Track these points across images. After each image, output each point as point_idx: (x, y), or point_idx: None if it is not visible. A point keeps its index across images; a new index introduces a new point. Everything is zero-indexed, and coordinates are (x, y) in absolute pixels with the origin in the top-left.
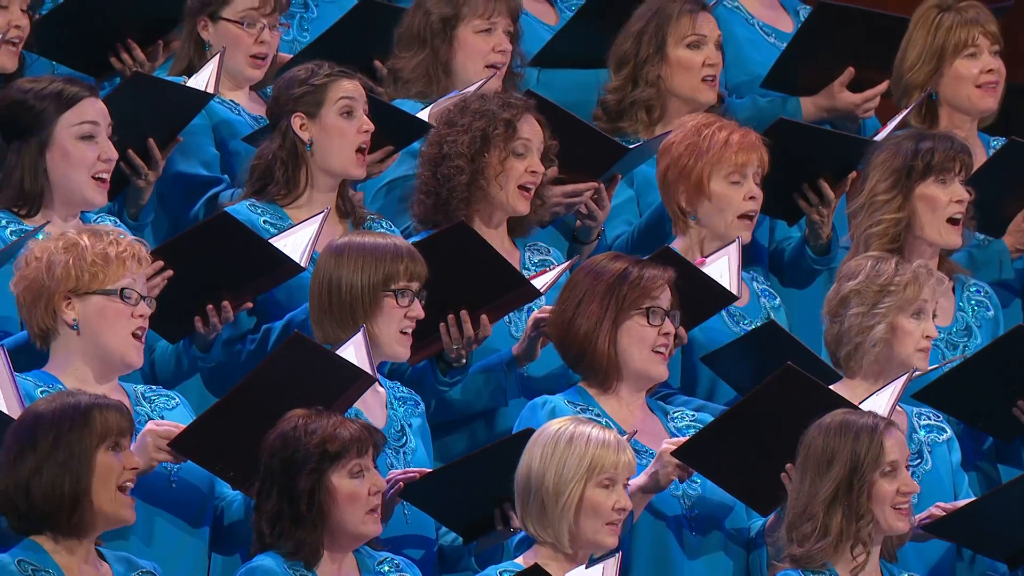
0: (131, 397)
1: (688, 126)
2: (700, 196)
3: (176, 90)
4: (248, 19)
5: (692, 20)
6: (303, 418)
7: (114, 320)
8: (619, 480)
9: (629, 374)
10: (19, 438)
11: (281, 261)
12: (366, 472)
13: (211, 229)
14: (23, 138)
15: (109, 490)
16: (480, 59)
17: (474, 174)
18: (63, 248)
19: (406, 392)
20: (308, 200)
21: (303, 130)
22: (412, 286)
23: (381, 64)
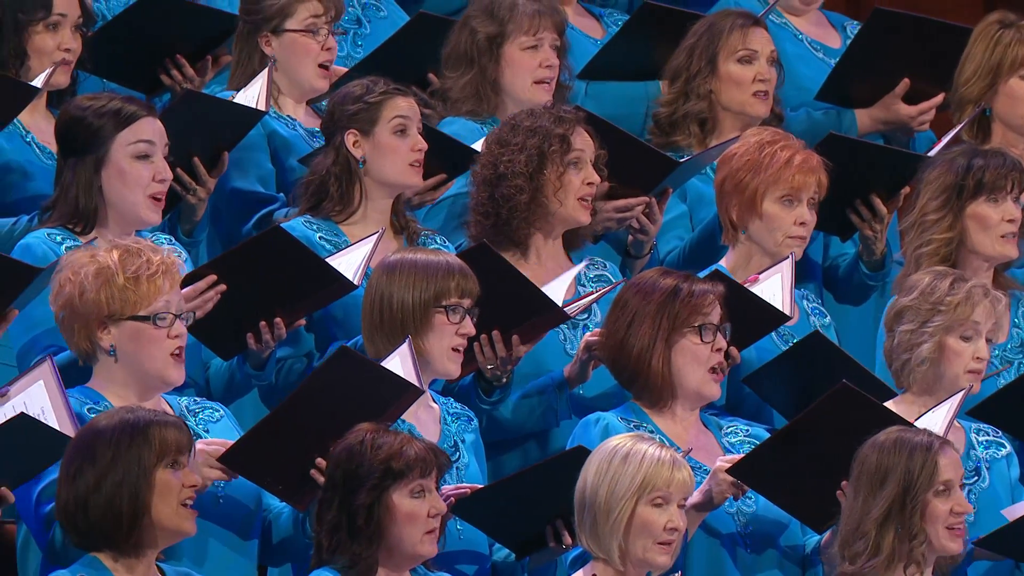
0: (176, 411)
1: (752, 141)
2: (752, 213)
3: (229, 108)
4: (314, 26)
5: (743, 35)
6: (371, 433)
7: (149, 344)
8: (673, 499)
9: (684, 393)
10: (78, 454)
11: (334, 278)
12: (427, 493)
13: (264, 244)
14: (79, 155)
15: (170, 506)
16: (528, 75)
17: (534, 192)
18: (94, 274)
19: (459, 408)
20: (363, 216)
21: (356, 147)
22: (463, 303)
23: (436, 78)
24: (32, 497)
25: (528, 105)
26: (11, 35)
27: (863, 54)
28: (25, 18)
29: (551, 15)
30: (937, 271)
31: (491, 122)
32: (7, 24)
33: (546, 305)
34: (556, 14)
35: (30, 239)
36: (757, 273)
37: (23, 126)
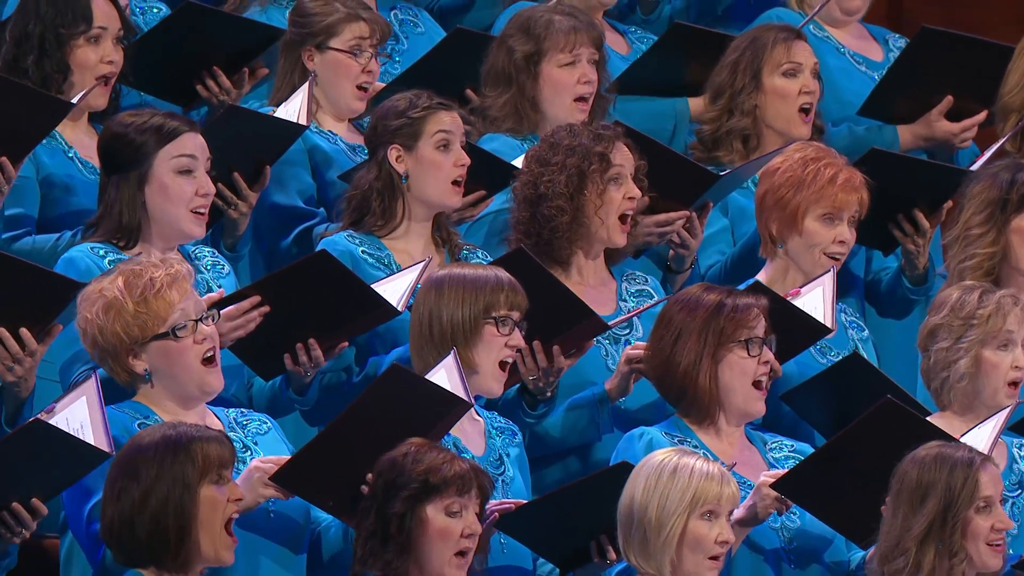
0: (224, 423)
1: (796, 156)
2: (792, 229)
3: (271, 122)
4: (357, 48)
5: (787, 48)
6: (416, 446)
7: (179, 357)
8: (722, 513)
9: (730, 409)
10: (121, 472)
11: (378, 304)
12: (463, 512)
13: (309, 267)
14: (123, 172)
15: (213, 527)
16: (567, 93)
17: (575, 212)
18: (103, 309)
19: (504, 422)
20: (406, 231)
21: (399, 162)
22: (513, 315)
23: (474, 93)
24: (83, 515)
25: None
26: (53, 50)
27: (907, 71)
28: (66, 32)
29: (587, 30)
30: (965, 285)
31: (531, 139)
32: (49, 39)
33: (585, 313)
34: (592, 29)
35: (73, 253)
36: (798, 287)
37: (65, 141)
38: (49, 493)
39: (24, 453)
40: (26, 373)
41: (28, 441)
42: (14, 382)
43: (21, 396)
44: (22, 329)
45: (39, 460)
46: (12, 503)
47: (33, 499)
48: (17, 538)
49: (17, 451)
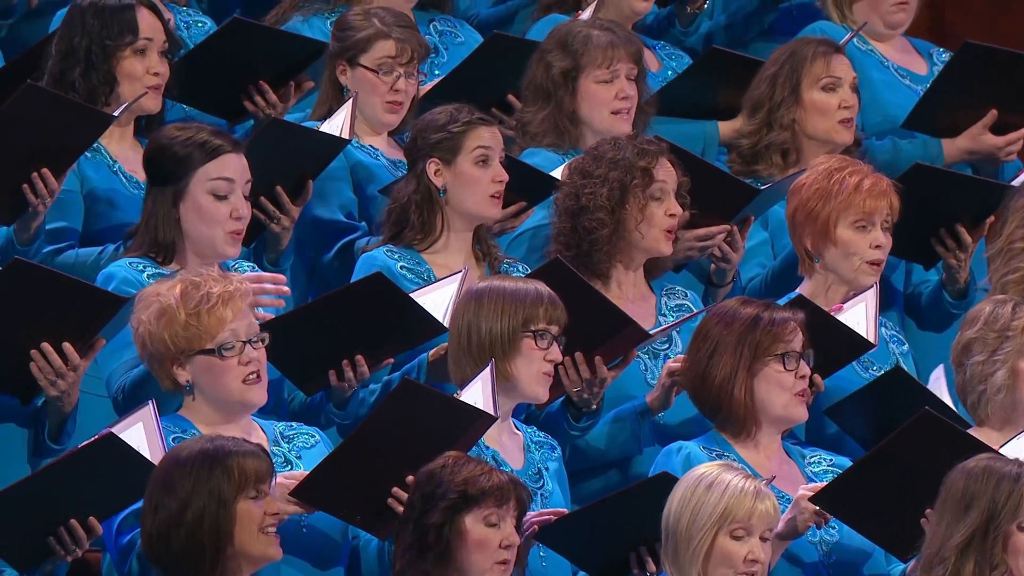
0: (270, 436)
1: (819, 169)
2: (826, 241)
3: (313, 136)
4: (384, 67)
5: (827, 62)
6: (454, 459)
7: (222, 375)
8: (754, 531)
9: (768, 420)
10: (158, 486)
11: (428, 324)
12: (502, 523)
13: (365, 288)
14: (161, 185)
15: (252, 536)
16: (605, 108)
17: (616, 226)
18: (156, 315)
19: (543, 436)
20: (445, 245)
21: (437, 176)
22: (551, 329)
23: (516, 99)
24: (113, 527)
25: (608, 136)
26: (100, 62)
27: (950, 86)
28: (112, 44)
29: (625, 45)
30: (996, 299)
31: (572, 154)
32: (95, 52)
33: (624, 322)
34: (630, 43)
35: (112, 268)
36: (841, 302)
37: (110, 155)
38: (106, 512)
39: (90, 468)
40: (69, 388)
41: (97, 456)
42: (57, 396)
43: (64, 411)
44: (65, 343)
45: (103, 477)
46: (71, 519)
47: (90, 517)
48: (70, 556)
49: (84, 465)
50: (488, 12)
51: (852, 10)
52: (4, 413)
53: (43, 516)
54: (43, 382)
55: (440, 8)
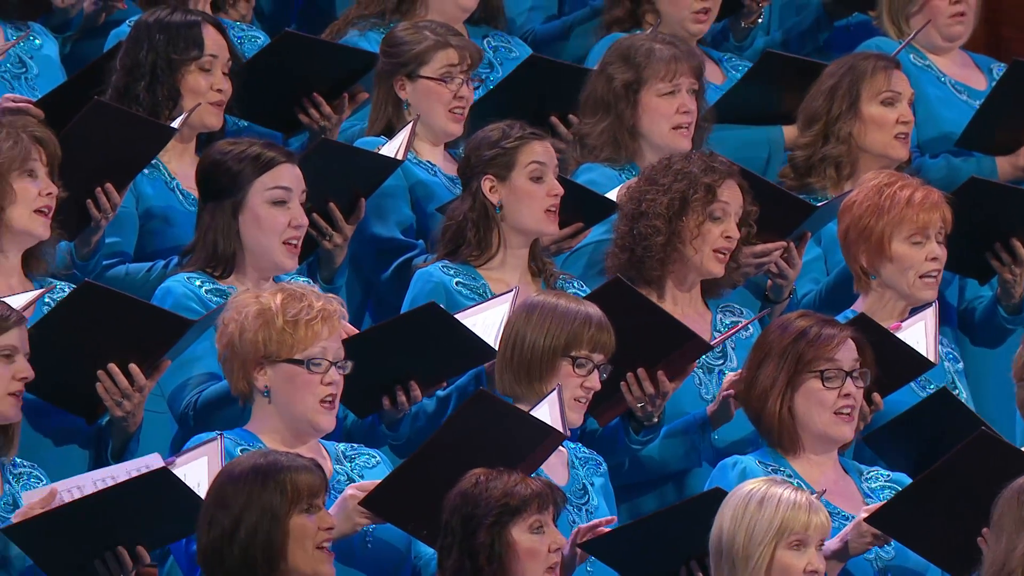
0: (332, 456)
1: (869, 185)
2: (881, 256)
3: (365, 156)
4: (448, 75)
5: (887, 77)
6: (484, 475)
7: (303, 388)
8: (810, 542)
9: (809, 437)
10: (212, 501)
11: (480, 349)
12: (546, 528)
13: (420, 318)
14: (218, 199)
15: (306, 551)
16: (666, 122)
17: (670, 236)
18: (254, 314)
19: (587, 452)
20: (501, 261)
21: (492, 192)
22: (594, 357)
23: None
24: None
25: (667, 151)
26: (165, 76)
27: (1002, 102)
28: (178, 59)
29: (688, 59)
30: None
31: (629, 168)
32: (160, 66)
33: (685, 335)
34: (693, 58)
35: (170, 283)
36: (899, 321)
37: (168, 172)
38: (155, 543)
39: (143, 498)
40: (134, 408)
41: (150, 488)
42: (122, 417)
43: (128, 431)
44: (132, 365)
45: (155, 509)
46: (118, 546)
47: (139, 546)
48: None
49: (136, 494)
50: (542, 28)
51: (909, 25)
52: (67, 433)
53: (92, 539)
54: (109, 402)
55: (494, 24)
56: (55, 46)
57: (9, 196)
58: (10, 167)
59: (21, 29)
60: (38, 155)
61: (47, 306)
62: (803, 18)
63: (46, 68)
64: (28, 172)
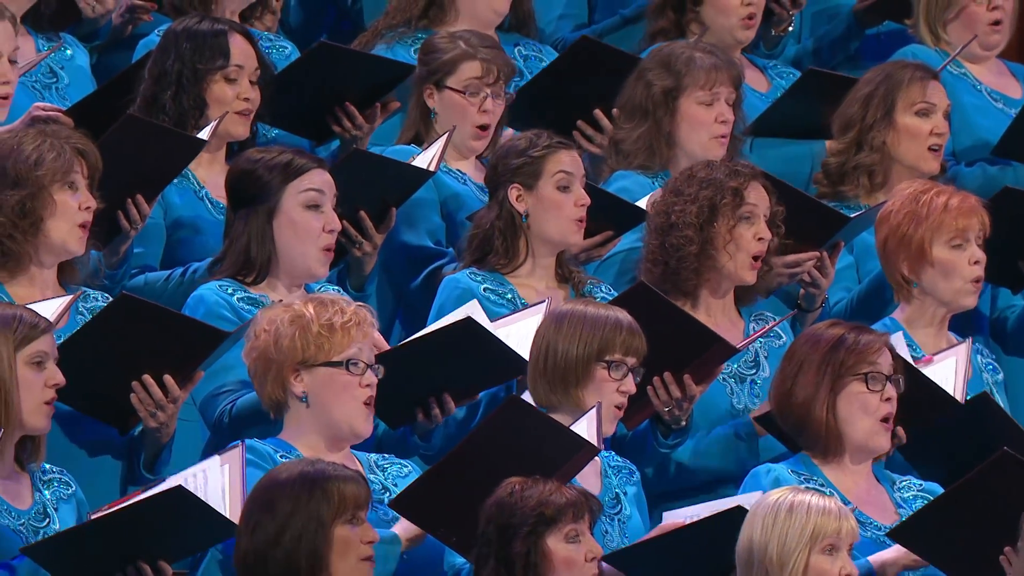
0: (364, 465)
1: (905, 193)
2: (923, 263)
3: (396, 167)
4: (471, 88)
5: (923, 88)
6: (519, 484)
7: (342, 391)
8: (842, 546)
9: (850, 444)
10: (257, 506)
11: (514, 363)
12: (582, 537)
13: (455, 333)
14: (251, 206)
15: (348, 562)
16: (704, 130)
17: (703, 244)
18: (289, 320)
19: (620, 461)
20: (529, 269)
21: (519, 201)
22: (628, 361)
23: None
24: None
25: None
26: (190, 86)
27: None
28: (203, 68)
29: (728, 69)
30: None
31: (662, 176)
32: (186, 75)
33: (711, 339)
34: (733, 68)
35: (202, 291)
36: (931, 354)
37: (197, 180)
38: (177, 556)
39: (161, 516)
40: (168, 419)
41: (167, 505)
42: (155, 428)
43: (161, 441)
44: (166, 376)
45: (174, 524)
46: (139, 561)
47: (160, 561)
48: None
49: (154, 512)
50: (572, 36)
51: (946, 31)
52: (99, 445)
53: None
54: (143, 413)
55: (524, 32)
56: (86, 56)
57: (50, 208)
58: (52, 178)
59: (53, 40)
60: (80, 167)
61: (81, 316)
62: (834, 27)
63: (77, 78)
64: (69, 184)
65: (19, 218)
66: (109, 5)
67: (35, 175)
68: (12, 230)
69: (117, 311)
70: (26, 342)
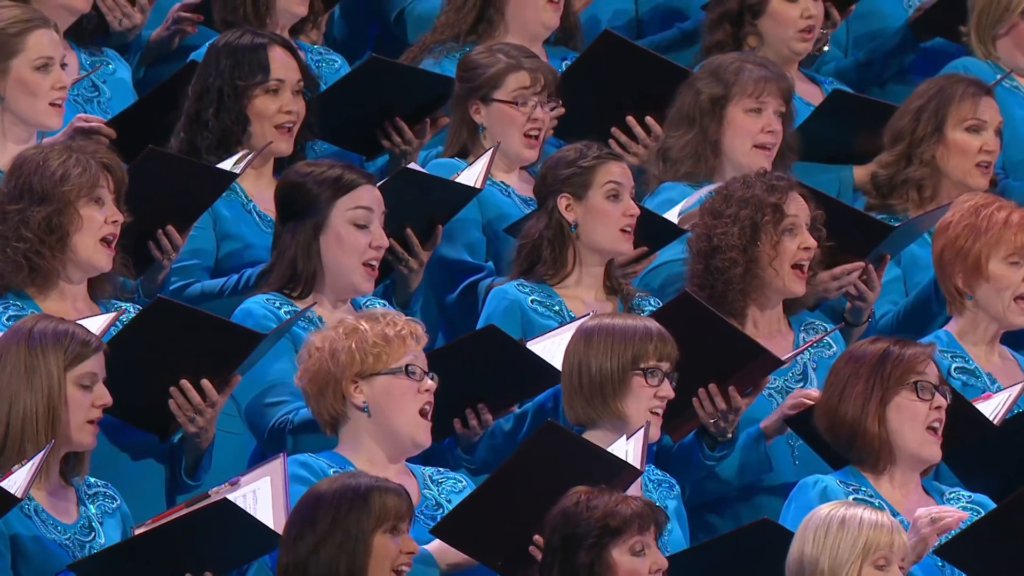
0: (419, 480)
1: (966, 206)
2: (978, 277)
3: (443, 185)
4: (520, 98)
5: (975, 104)
6: (585, 494)
7: (401, 398)
8: (894, 561)
9: (902, 455)
10: (300, 517)
11: (546, 372)
12: (647, 549)
13: (479, 341)
14: (299, 219)
15: (385, 572)
16: (749, 139)
17: (748, 264)
18: (344, 334)
19: (661, 475)
20: (577, 280)
21: (568, 211)
22: (662, 366)
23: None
24: None
25: (746, 169)
26: (232, 102)
27: None
28: (244, 84)
29: (777, 81)
30: None
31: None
32: (227, 92)
33: (756, 350)
34: (783, 80)
35: (250, 304)
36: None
37: (245, 193)
38: (223, 569)
39: (206, 529)
40: (207, 424)
41: (212, 519)
42: (195, 433)
43: (201, 447)
44: (204, 380)
45: (219, 537)
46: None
47: (206, 572)
48: None
49: (199, 526)
50: None
51: (996, 47)
52: (142, 450)
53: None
54: (182, 419)
55: (572, 45)
56: (128, 70)
57: (76, 223)
58: (78, 194)
59: (95, 54)
60: (105, 182)
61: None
62: (888, 39)
63: (119, 92)
64: (96, 199)
65: (46, 234)
66: (136, 20)
67: (61, 191)
68: (39, 246)
69: (153, 316)
70: (77, 361)
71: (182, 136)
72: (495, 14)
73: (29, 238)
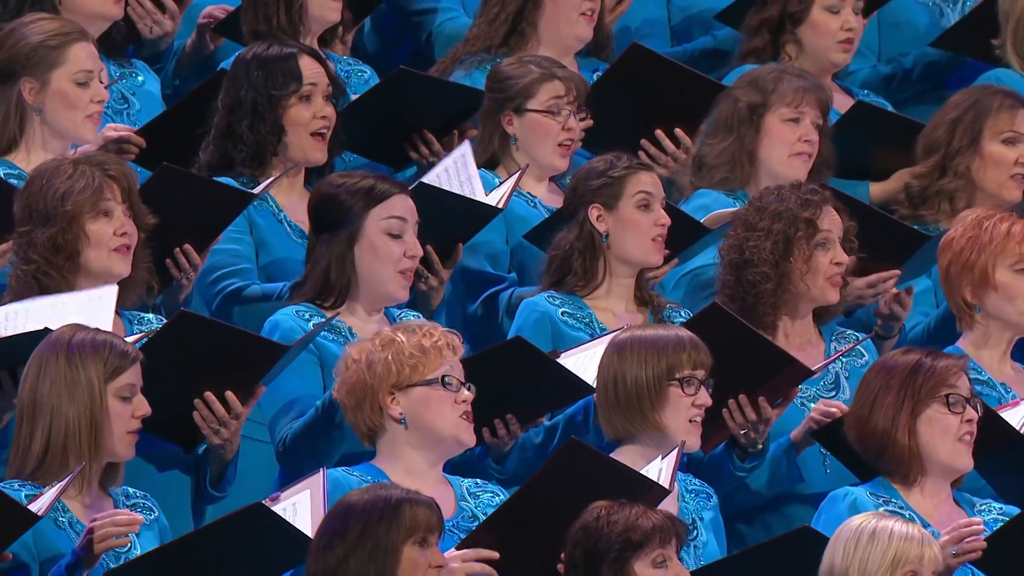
0: (457, 491)
1: (968, 220)
2: (986, 288)
3: (465, 203)
4: (555, 107)
5: (1012, 116)
6: (606, 509)
7: (439, 407)
8: (924, 573)
9: (933, 467)
10: (330, 527)
11: (574, 384)
12: (669, 562)
13: (505, 352)
14: (332, 230)
15: None
16: (786, 148)
17: (780, 279)
18: (381, 346)
19: (698, 484)
20: (607, 291)
21: (600, 222)
22: (697, 374)
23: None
24: None
25: (782, 179)
26: (267, 112)
27: None
28: (278, 94)
29: (815, 92)
30: None
31: (742, 195)
32: (261, 103)
33: (786, 360)
34: (821, 91)
35: (279, 316)
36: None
37: (277, 204)
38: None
39: (240, 535)
40: (231, 436)
41: (247, 523)
42: (220, 445)
43: (226, 458)
44: (228, 392)
45: (255, 544)
46: None
47: None
48: None
49: (234, 532)
50: None
51: None
52: (168, 461)
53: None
54: (206, 431)
55: (603, 57)
56: (157, 82)
57: (83, 240)
58: (82, 210)
59: (125, 66)
60: (112, 193)
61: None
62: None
63: (148, 104)
64: (103, 212)
65: (52, 254)
66: (167, 27)
67: (63, 209)
68: (47, 267)
69: (176, 329)
70: (116, 374)
71: (211, 149)
72: (528, 27)
73: (36, 260)
